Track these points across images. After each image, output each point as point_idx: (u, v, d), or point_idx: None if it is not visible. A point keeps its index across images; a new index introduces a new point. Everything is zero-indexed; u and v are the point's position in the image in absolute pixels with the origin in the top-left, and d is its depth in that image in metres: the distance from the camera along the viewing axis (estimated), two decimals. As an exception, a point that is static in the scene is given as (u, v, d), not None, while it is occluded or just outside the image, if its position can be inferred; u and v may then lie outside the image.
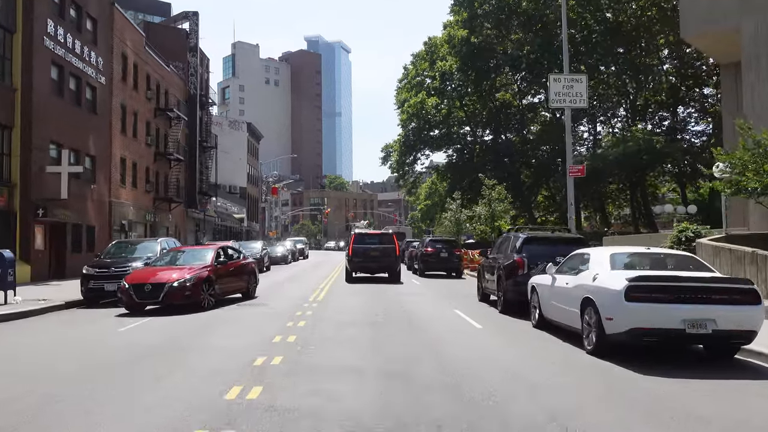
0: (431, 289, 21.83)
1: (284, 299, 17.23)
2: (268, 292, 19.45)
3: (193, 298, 14.40)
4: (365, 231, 30.11)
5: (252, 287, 17.92)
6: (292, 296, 18.03)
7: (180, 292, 14.23)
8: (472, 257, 31.50)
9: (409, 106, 48.04)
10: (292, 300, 16.80)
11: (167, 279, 14.38)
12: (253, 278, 18.08)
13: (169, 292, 14.16)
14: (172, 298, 14.18)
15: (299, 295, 18.11)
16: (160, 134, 39.91)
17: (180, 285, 14.30)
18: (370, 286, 22.10)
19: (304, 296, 17.81)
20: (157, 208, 38.94)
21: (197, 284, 14.55)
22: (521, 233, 14.69)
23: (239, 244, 36.31)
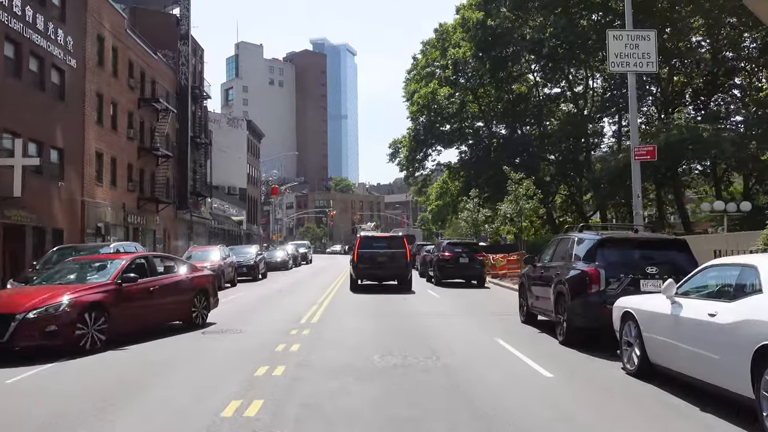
0: (454, 303, 17.90)
1: (266, 323, 13.22)
2: (247, 312, 15.57)
3: (65, 337, 9.22)
4: (372, 234, 26.25)
5: (200, 311, 12.70)
6: (277, 318, 14.02)
7: (37, 328, 9.03)
8: (493, 262, 27.54)
9: (420, 97, 44.09)
10: (275, 324, 12.78)
11: (19, 306, 9.17)
12: (202, 299, 12.80)
13: (18, 328, 8.91)
14: (25, 338, 9.00)
15: (288, 315, 14.18)
16: (145, 128, 36.18)
17: (39, 316, 9.09)
18: (380, 299, 18.23)
19: (295, 316, 13.88)
20: (141, 209, 35.18)
21: (73, 313, 9.36)
22: (589, 233, 10.75)
23: (230, 248, 32.59)
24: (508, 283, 24.86)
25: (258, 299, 19.16)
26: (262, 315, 14.76)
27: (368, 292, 21.79)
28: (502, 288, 23.89)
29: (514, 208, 24.59)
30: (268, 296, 20.36)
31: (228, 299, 19.38)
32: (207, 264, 24.00)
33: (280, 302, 18.06)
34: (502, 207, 25.41)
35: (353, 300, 18.33)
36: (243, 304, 17.75)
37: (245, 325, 12.71)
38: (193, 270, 13.44)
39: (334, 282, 27.35)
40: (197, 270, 13.81)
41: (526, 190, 24.78)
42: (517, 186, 24.97)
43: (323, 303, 17.21)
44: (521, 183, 25.12)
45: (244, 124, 67.15)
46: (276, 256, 42.84)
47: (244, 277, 29.90)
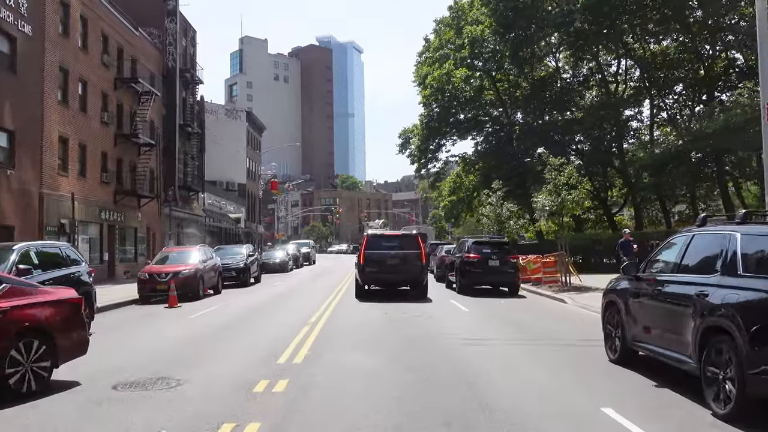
0: (492, 320, 13.51)
1: (225, 366, 8.59)
2: (205, 342, 11.16)
3: None
4: (381, 232, 22.00)
5: (32, 368, 6.88)
6: (245, 353, 9.58)
7: None
8: (523, 264, 23.17)
9: (433, 80, 39.65)
10: (238, 367, 8.32)
11: None
12: (35, 345, 6.94)
13: None
14: None
15: (263, 350, 9.75)
16: (124, 111, 31.96)
17: None
18: (393, 315, 13.86)
19: (272, 351, 9.46)
20: (119, 204, 30.98)
21: None
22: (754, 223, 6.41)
23: (218, 248, 28.46)
24: (546, 290, 20.47)
25: (234, 316, 14.85)
26: (225, 347, 10.39)
27: (377, 300, 17.84)
28: (542, 297, 19.50)
29: (554, 200, 20.21)
30: (249, 310, 16.05)
31: (196, 315, 15.11)
32: (181, 268, 19.90)
33: (261, 321, 13.72)
34: (538, 199, 20.99)
35: (358, 317, 13.98)
36: (208, 324, 13.45)
37: (190, 370, 8.27)
38: (23, 293, 7.21)
39: (337, 288, 23.07)
40: (32, 293, 7.39)
41: (568, 177, 20.41)
42: (557, 173, 20.58)
43: (318, 322, 12.87)
44: (562, 169, 20.71)
45: (244, 116, 62.86)
46: (274, 257, 38.74)
47: (233, 282, 25.80)
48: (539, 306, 16.91)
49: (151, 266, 20.61)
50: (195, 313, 15.79)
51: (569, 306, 16.46)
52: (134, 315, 16.30)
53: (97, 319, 15.30)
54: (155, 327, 13.53)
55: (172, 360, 9.01)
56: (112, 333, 12.54)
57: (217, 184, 56.47)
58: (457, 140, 45.47)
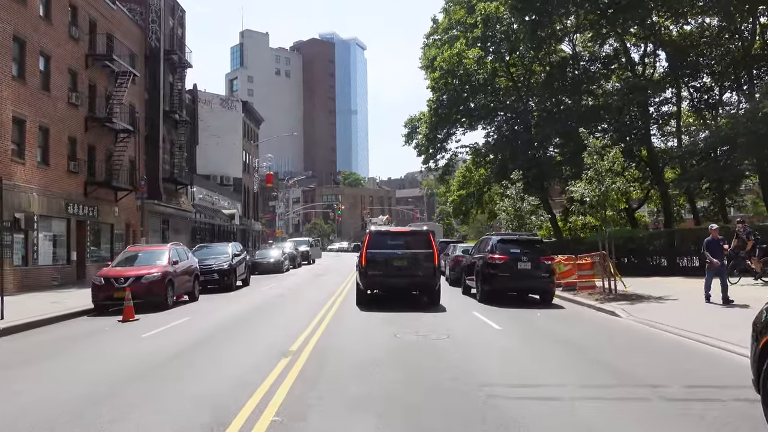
0: (542, 349, 9.87)
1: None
2: (136, 378, 7.70)
3: None
4: (386, 228, 18.54)
5: None
6: (177, 418, 6.21)
7: None
8: (555, 266, 19.66)
9: (443, 61, 36.01)
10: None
11: None
12: None
13: None
14: None
15: (205, 413, 6.28)
16: (98, 93, 28.47)
17: None
18: (404, 336, 10.29)
19: (214, 419, 6.01)
20: (91, 197, 27.51)
21: None
22: None
23: (200, 247, 25.23)
24: (585, 298, 16.93)
25: (196, 337, 11.30)
26: (157, 399, 6.89)
27: (381, 308, 14.86)
28: (583, 307, 15.96)
29: (595, 190, 16.66)
30: (220, 328, 12.52)
31: (149, 334, 11.62)
32: (145, 271, 16.46)
33: (228, 347, 10.12)
34: (576, 189, 17.41)
35: (358, 342, 10.43)
36: (156, 351, 9.93)
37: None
38: None
39: (335, 293, 19.62)
40: None
41: (611, 163, 16.86)
42: (598, 157, 17.03)
43: (303, 350, 9.32)
44: (605, 152, 17.12)
45: (240, 106, 59.50)
46: (268, 257, 35.43)
47: (217, 285, 22.49)
48: (589, 321, 13.37)
49: (109, 269, 17.15)
50: (151, 330, 12.33)
51: (628, 322, 12.94)
52: (76, 331, 12.85)
53: (29, 336, 11.93)
54: (86, 353, 10.06)
55: (67, 421, 5.55)
56: (20, 363, 9.08)
57: (211, 179, 53.10)
58: (467, 130, 41.93)
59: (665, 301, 15.52)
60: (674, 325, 11.58)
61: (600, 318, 13.86)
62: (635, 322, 12.81)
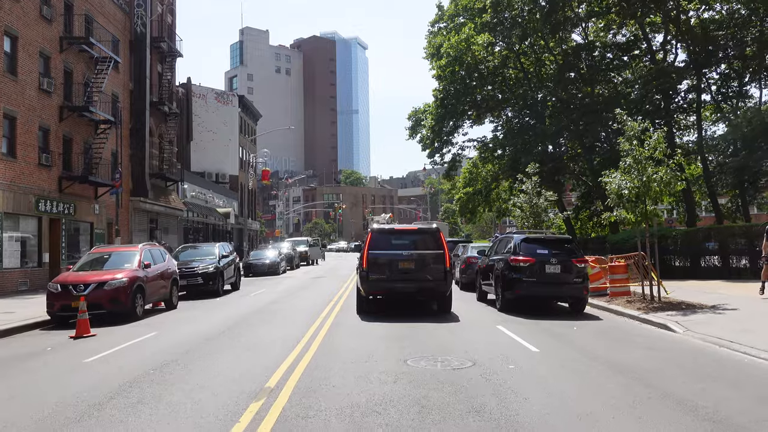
0: (602, 383, 7.39)
1: None
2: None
3: None
4: (390, 226, 16.11)
5: None
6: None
7: None
8: (588, 269, 17.20)
9: (450, 48, 33.58)
10: None
11: None
12: None
13: None
14: None
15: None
16: (75, 80, 26.10)
17: None
18: (416, 360, 7.85)
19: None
20: (67, 193, 25.15)
21: None
22: None
23: (181, 247, 22.89)
24: (623, 306, 14.51)
25: (153, 361, 8.86)
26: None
27: (386, 318, 12.87)
28: (623, 318, 13.54)
29: (635, 180, 14.21)
30: (188, 348, 10.08)
31: (96, 358, 9.22)
32: (110, 276, 14.10)
33: (182, 386, 7.66)
34: (610, 180, 14.93)
35: (355, 378, 7.98)
36: (92, 386, 7.50)
37: None
38: None
39: (332, 301, 17.23)
40: None
41: (652, 150, 14.41)
42: (636, 144, 14.57)
43: (283, 390, 6.90)
44: (643, 136, 14.65)
45: (236, 100, 57.13)
46: (263, 258, 33.09)
47: (201, 289, 20.18)
48: (640, 338, 10.93)
49: (68, 274, 14.76)
50: (102, 350, 9.96)
51: (688, 338, 10.55)
52: (9, 353, 10.46)
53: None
54: (4, 385, 7.67)
55: None
56: None
57: (206, 176, 50.75)
58: (474, 124, 39.41)
59: (723, 310, 13.10)
60: (747, 343, 9.29)
61: (651, 333, 11.43)
62: (697, 339, 10.42)
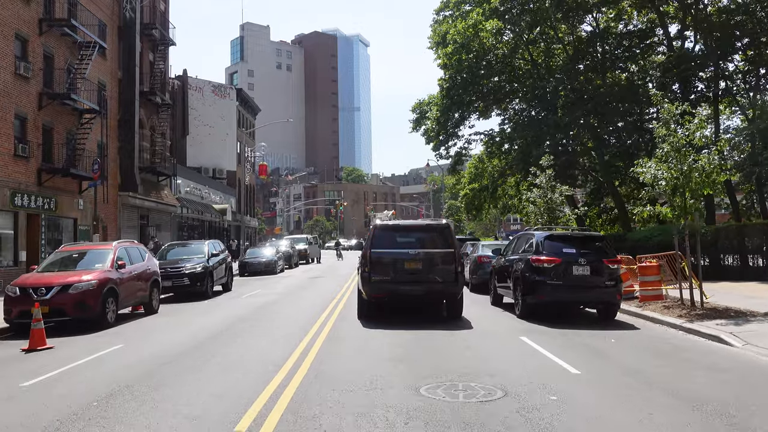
0: (673, 419, 5.63)
1: None
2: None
3: None
4: (394, 222, 14.45)
5: None
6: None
7: None
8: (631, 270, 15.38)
9: (456, 33, 31.76)
10: None
11: None
12: None
13: None
14: None
15: None
16: (56, 65, 24.38)
17: None
18: (430, 388, 6.08)
19: None
20: (47, 186, 23.44)
21: None
22: None
23: (167, 245, 21.22)
24: (659, 313, 12.77)
25: (93, 395, 7.08)
26: None
27: (389, 324, 11.78)
28: (664, 327, 11.82)
29: (673, 170, 12.44)
30: (145, 371, 8.30)
31: (33, 382, 7.40)
32: (76, 278, 12.40)
33: (132, 425, 5.97)
34: (646, 169, 13.10)
35: (357, 413, 6.25)
36: (15, 422, 5.84)
37: None
38: None
39: (330, 304, 15.53)
40: None
41: (692, 134, 12.58)
42: (674, 128, 12.78)
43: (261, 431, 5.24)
44: (684, 121, 12.82)
45: (234, 94, 55.40)
46: (259, 256, 31.43)
47: (188, 291, 18.54)
48: (693, 354, 9.18)
49: (29, 276, 13.04)
50: (51, 369, 8.28)
51: (751, 355, 8.84)
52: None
53: None
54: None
55: None
56: None
57: (202, 171, 49.05)
58: (481, 117, 37.62)
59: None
60: None
61: (704, 348, 9.69)
62: (764, 356, 8.70)
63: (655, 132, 13.63)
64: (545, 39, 33.71)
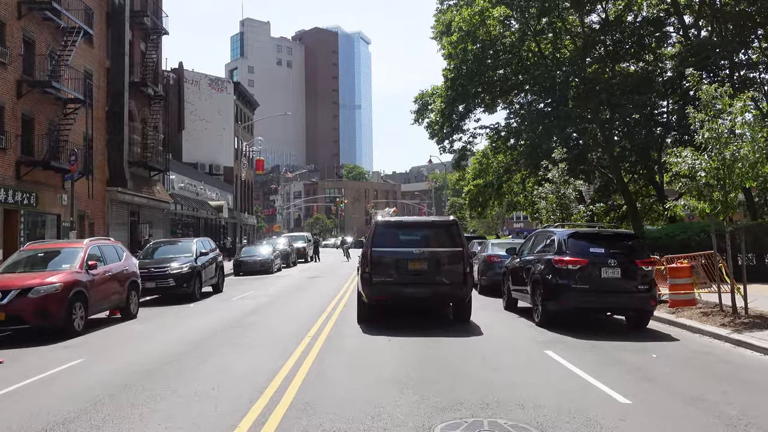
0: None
1: None
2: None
3: None
4: (397, 219, 12.99)
5: None
6: None
7: None
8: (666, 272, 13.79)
9: (462, 21, 30.24)
10: None
11: None
12: None
13: None
14: None
15: None
16: (36, 50, 22.91)
17: None
18: (451, 428, 4.72)
19: None
20: (25, 180, 21.98)
21: None
22: None
23: (153, 243, 19.83)
24: (697, 321, 11.29)
25: (36, 424, 5.73)
26: None
27: (393, 331, 10.69)
28: (699, 336, 10.36)
29: (715, 160, 10.95)
30: (93, 398, 6.85)
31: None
32: (38, 281, 10.94)
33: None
34: (679, 160, 11.63)
35: None
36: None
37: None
38: None
39: (327, 308, 14.09)
40: None
41: (733, 118, 11.08)
42: (714, 113, 11.28)
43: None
44: (720, 104, 11.34)
45: (231, 87, 53.96)
46: (255, 255, 30.07)
47: (174, 293, 17.14)
48: (754, 373, 7.73)
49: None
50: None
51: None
52: None
53: None
54: None
55: None
56: None
57: (198, 167, 47.63)
58: (486, 111, 36.10)
59: None
60: None
61: (765, 366, 8.22)
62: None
63: (690, 118, 12.16)
64: (553, 29, 32.22)
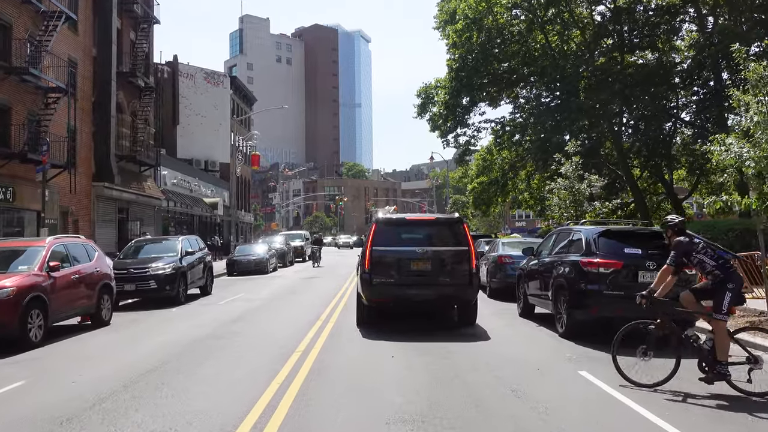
0: None
1: None
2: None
3: None
4: (399, 216, 11.59)
5: None
6: None
7: None
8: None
9: (467, 8, 28.73)
10: None
11: None
12: None
13: None
14: None
15: None
16: (13, 35, 21.44)
17: None
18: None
19: None
20: (2, 174, 20.50)
21: None
22: None
23: (135, 242, 18.37)
24: (744, 333, 9.84)
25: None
26: None
27: (395, 336, 9.93)
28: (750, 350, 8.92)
29: (764, 148, 9.56)
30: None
31: None
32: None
33: None
34: (722, 149, 10.19)
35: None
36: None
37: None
38: None
39: (324, 313, 12.68)
40: None
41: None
42: (763, 95, 9.87)
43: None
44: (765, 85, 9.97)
45: (227, 82, 52.50)
46: (250, 254, 28.66)
47: (155, 296, 15.73)
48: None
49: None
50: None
51: None
52: None
53: None
54: None
55: None
56: None
57: (194, 163, 46.20)
58: (491, 105, 34.65)
59: None
60: None
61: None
62: None
63: (733, 101, 10.74)
64: (562, 19, 30.75)
